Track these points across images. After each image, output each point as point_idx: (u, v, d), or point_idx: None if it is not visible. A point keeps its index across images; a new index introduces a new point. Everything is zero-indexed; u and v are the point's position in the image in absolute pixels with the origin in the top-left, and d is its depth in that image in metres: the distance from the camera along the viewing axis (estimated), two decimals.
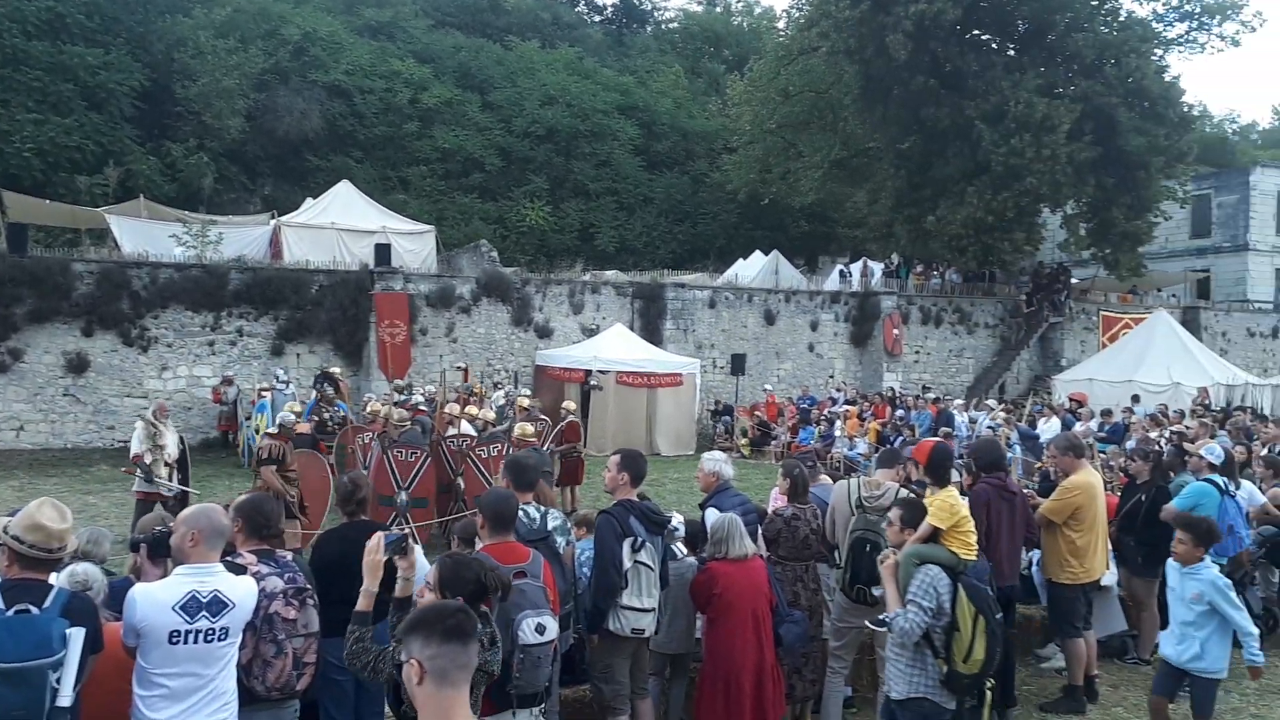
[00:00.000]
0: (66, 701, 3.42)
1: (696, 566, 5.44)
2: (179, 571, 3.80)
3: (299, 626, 4.17)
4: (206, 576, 3.76)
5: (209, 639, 3.70)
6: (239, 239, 22.52)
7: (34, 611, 3.43)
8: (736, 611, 5.00)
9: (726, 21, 52.43)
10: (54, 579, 3.72)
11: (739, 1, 55.40)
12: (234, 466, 16.74)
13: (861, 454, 17.35)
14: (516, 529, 4.59)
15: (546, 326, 23.51)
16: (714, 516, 5.42)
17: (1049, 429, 15.54)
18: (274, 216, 24.40)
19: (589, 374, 19.83)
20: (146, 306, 19.56)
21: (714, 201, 38.73)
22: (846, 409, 20.61)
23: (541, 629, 3.93)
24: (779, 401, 22.92)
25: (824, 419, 19.81)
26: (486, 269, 24.50)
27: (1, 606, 3.42)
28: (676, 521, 5.57)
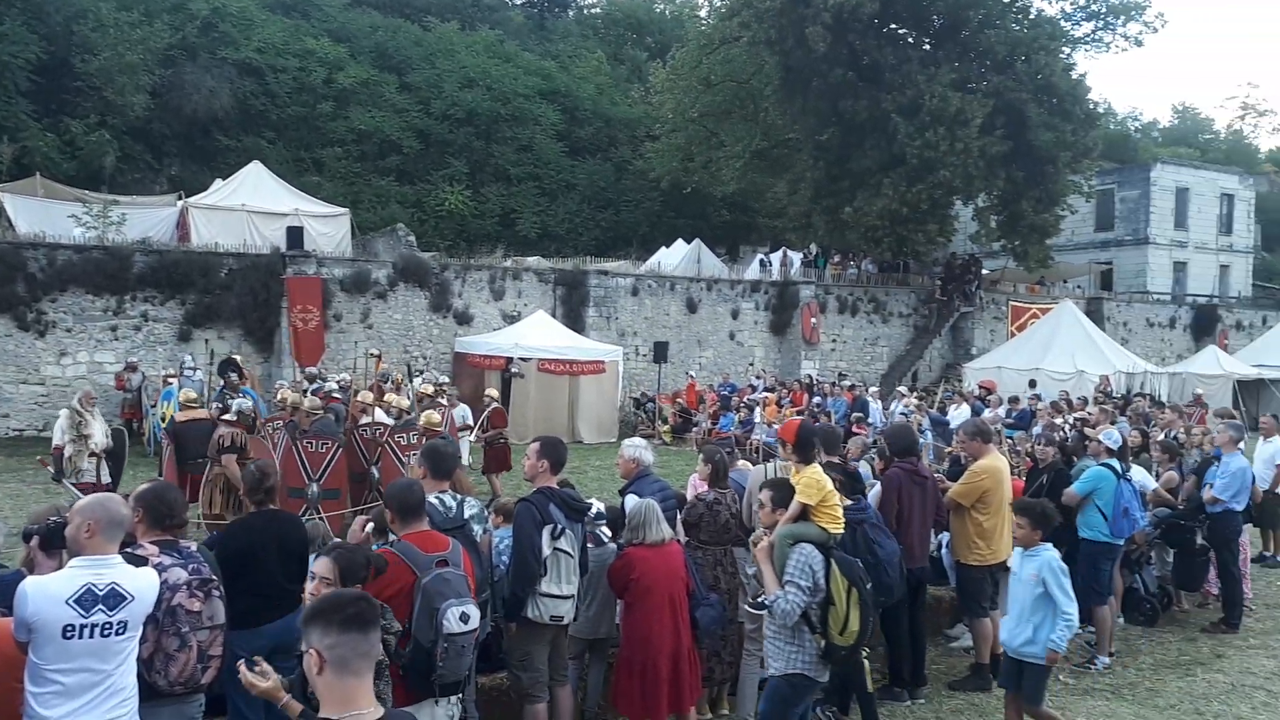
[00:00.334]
0: None
1: (617, 552, 5.45)
2: (74, 564, 3.65)
3: (204, 619, 4.06)
4: (103, 569, 3.61)
5: (106, 633, 3.56)
6: (144, 220, 21.67)
7: None
8: (654, 596, 5.02)
9: (649, 9, 52.33)
10: None
11: None
12: (138, 455, 16.14)
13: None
14: (432, 518, 4.54)
15: (466, 313, 23.22)
16: (633, 503, 5.43)
17: (959, 415, 15.97)
18: (181, 197, 23.51)
19: (510, 361, 19.67)
20: (44, 289, 18.72)
21: (637, 189, 38.71)
22: (766, 396, 20.86)
23: (466, 618, 3.92)
24: (700, 389, 23.10)
25: (744, 406, 20.01)
26: (404, 254, 24.05)
27: None
28: (599, 507, 5.57)
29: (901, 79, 27.51)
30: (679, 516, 6.21)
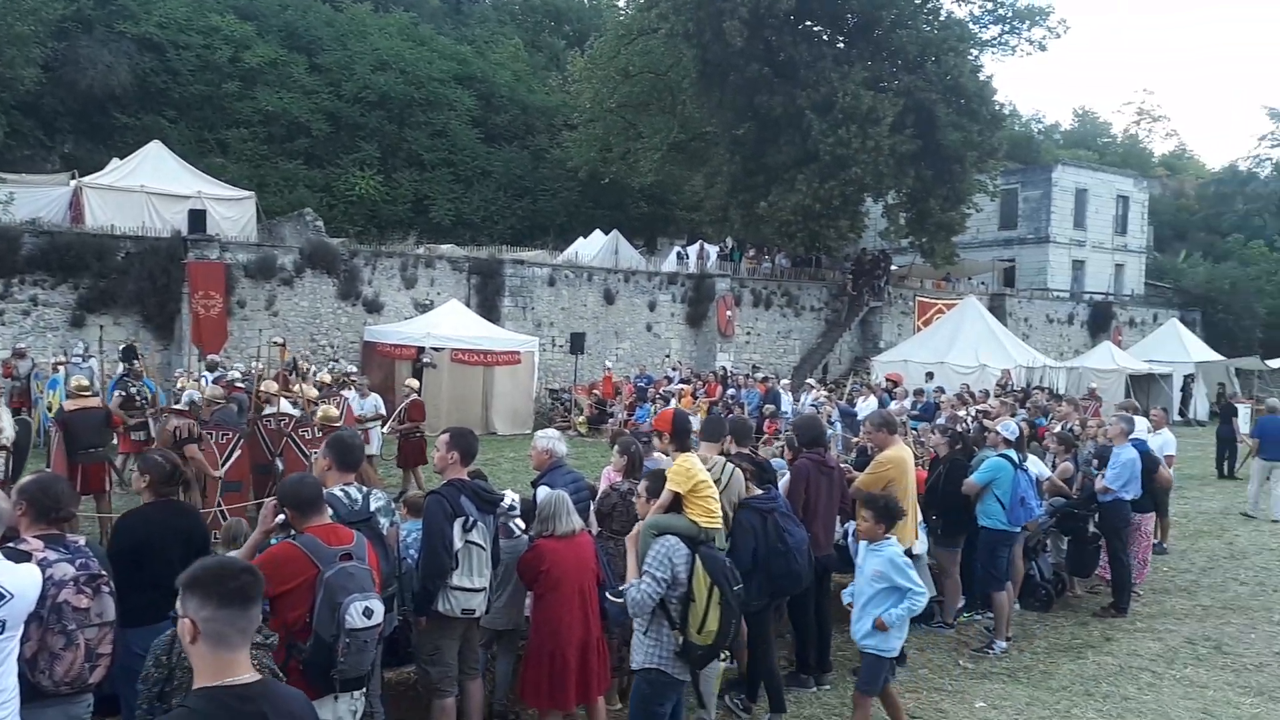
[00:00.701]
0: None
1: (528, 544, 5.41)
2: None
3: (92, 616, 3.89)
4: None
5: None
6: (34, 200, 20.62)
7: None
8: (564, 587, 5.01)
9: None
10: None
11: None
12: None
13: (695, 431, 17.70)
14: (337, 511, 4.43)
15: (376, 301, 22.75)
16: (544, 494, 5.40)
17: (866, 407, 16.31)
18: (75, 177, 22.43)
19: (422, 351, 19.36)
20: None
21: (554, 178, 38.47)
22: (681, 388, 21.01)
23: (369, 612, 3.84)
24: (617, 380, 23.13)
25: (659, 397, 20.10)
26: (311, 239, 23.42)
27: None
28: (512, 499, 5.52)
29: (816, 76, 27.92)
30: (592, 507, 6.21)
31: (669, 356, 27.52)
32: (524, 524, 5.77)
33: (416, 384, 13.82)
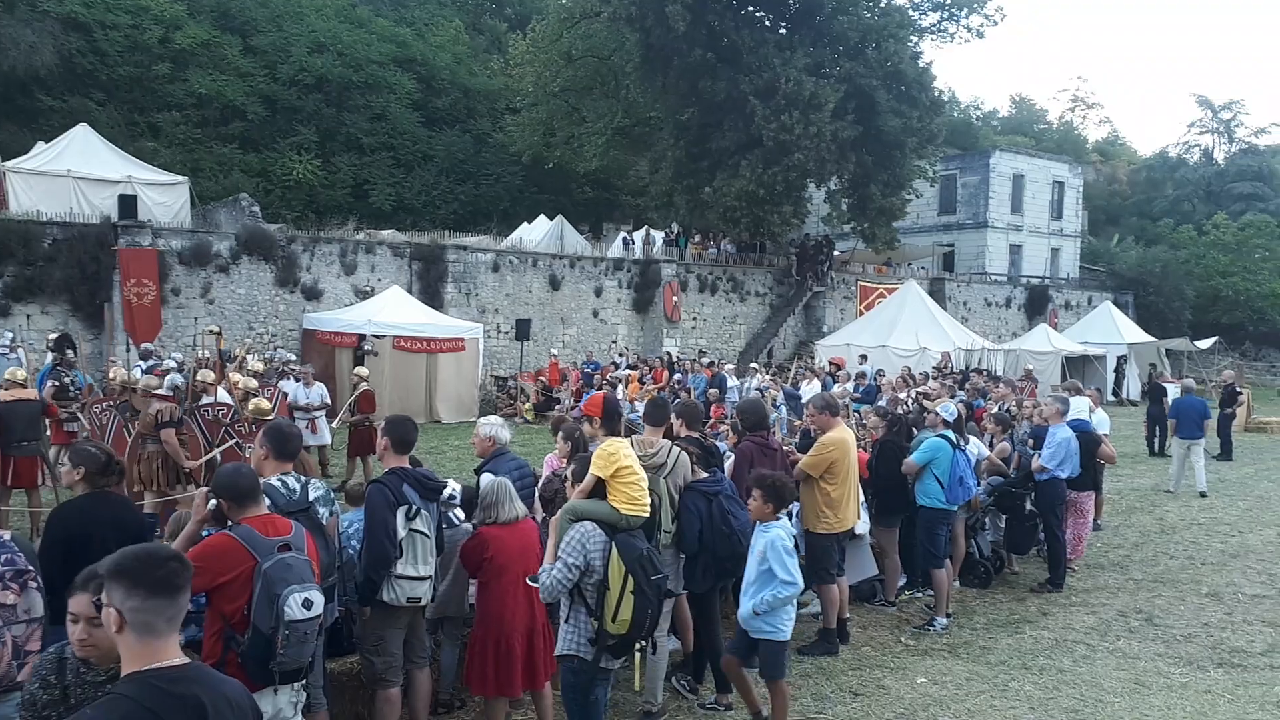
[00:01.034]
0: None
1: (471, 532, 5.37)
2: None
3: (19, 612, 3.76)
4: None
5: None
6: None
7: None
8: (508, 574, 4.98)
9: None
10: None
11: None
12: None
13: (641, 416, 17.73)
14: (275, 500, 4.35)
15: (315, 288, 22.35)
16: (486, 481, 5.35)
17: (810, 390, 16.48)
18: None
19: (363, 338, 19.08)
20: None
21: (497, 163, 38.12)
22: (628, 373, 21.01)
23: (309, 604, 3.77)
24: (563, 367, 23.04)
25: (606, 384, 20.08)
26: (248, 225, 22.89)
27: None
28: (453, 488, 5.46)
29: (759, 61, 28.01)
30: (536, 493, 6.18)
31: (615, 342, 27.49)
32: (464, 513, 5.74)
33: (366, 372, 13.63)
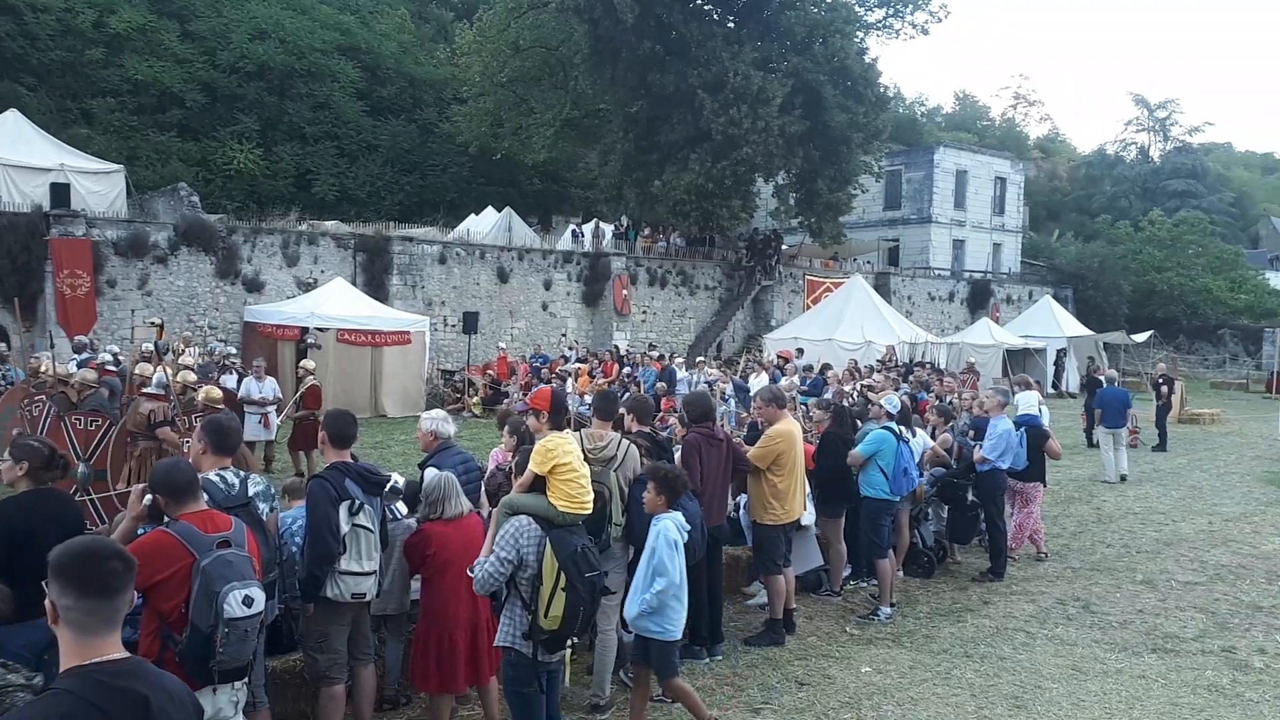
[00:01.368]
0: None
1: (415, 527, 5.31)
2: None
3: None
4: None
5: None
6: None
7: None
8: (452, 570, 4.93)
9: None
10: None
11: None
12: None
13: (590, 409, 17.70)
14: (213, 496, 4.25)
15: (257, 280, 21.91)
16: (430, 476, 5.29)
17: (758, 383, 16.59)
18: None
19: (306, 331, 18.75)
20: None
21: (444, 153, 37.70)
22: (578, 367, 20.95)
23: (249, 601, 3.70)
24: (512, 360, 22.89)
25: (556, 377, 20.01)
26: (186, 215, 22.34)
27: None
28: (396, 482, 5.39)
29: (707, 55, 28.06)
30: (482, 487, 6.12)
31: (565, 336, 27.40)
32: (406, 508, 5.67)
33: (313, 366, 13.43)
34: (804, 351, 22.28)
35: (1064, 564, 9.83)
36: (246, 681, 3.96)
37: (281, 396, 13.26)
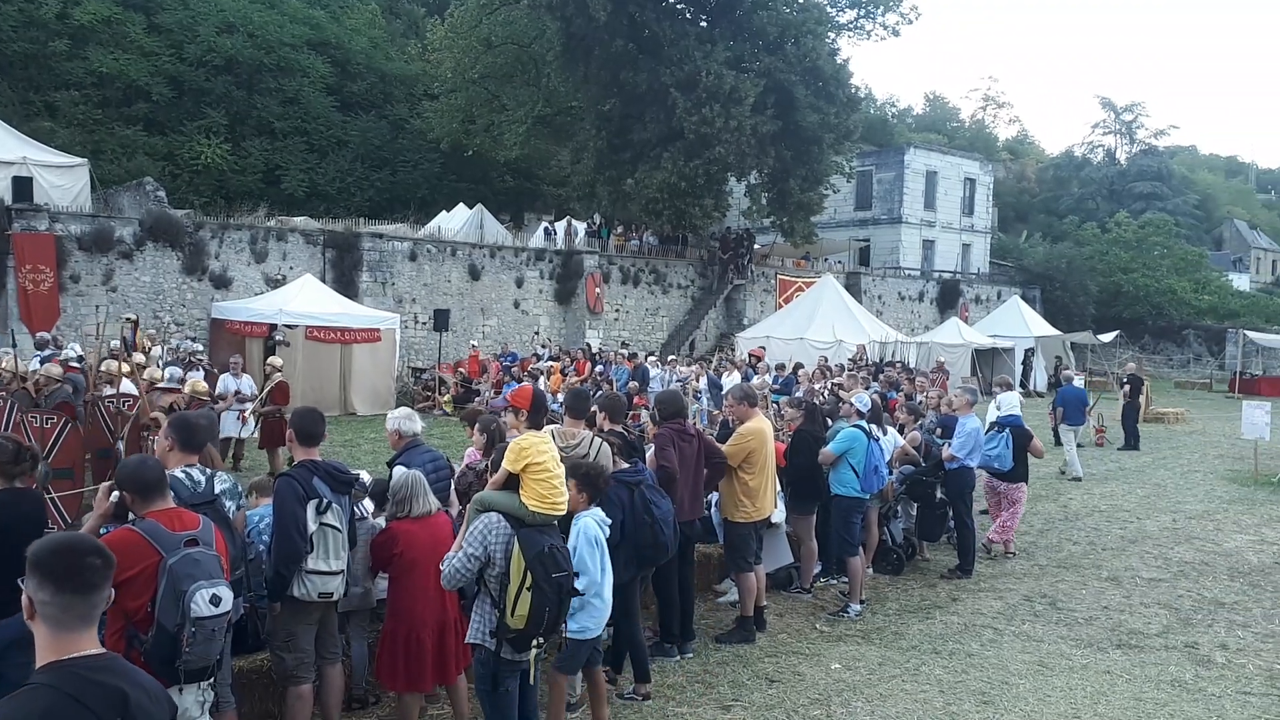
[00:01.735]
0: None
1: (381, 527, 5.28)
2: None
3: None
4: None
5: None
6: None
7: None
8: (419, 569, 4.91)
9: None
10: None
11: None
12: None
13: (562, 407, 17.67)
14: (180, 494, 4.19)
15: (224, 276, 21.66)
16: (398, 475, 5.25)
17: (730, 381, 16.65)
18: None
19: (274, 328, 18.56)
20: None
21: (415, 149, 37.44)
22: (550, 365, 20.89)
23: (217, 600, 3.65)
24: (484, 358, 22.78)
25: (527, 375, 19.93)
26: (152, 210, 22.02)
27: None
28: (362, 478, 5.35)
29: (680, 54, 28.07)
30: (452, 486, 6.09)
31: (538, 334, 27.32)
32: (374, 505, 5.64)
33: (280, 363, 13.32)
34: (766, 349, 22.42)
35: (1031, 561, 9.94)
36: (213, 681, 3.92)
37: (258, 392, 13.16)
